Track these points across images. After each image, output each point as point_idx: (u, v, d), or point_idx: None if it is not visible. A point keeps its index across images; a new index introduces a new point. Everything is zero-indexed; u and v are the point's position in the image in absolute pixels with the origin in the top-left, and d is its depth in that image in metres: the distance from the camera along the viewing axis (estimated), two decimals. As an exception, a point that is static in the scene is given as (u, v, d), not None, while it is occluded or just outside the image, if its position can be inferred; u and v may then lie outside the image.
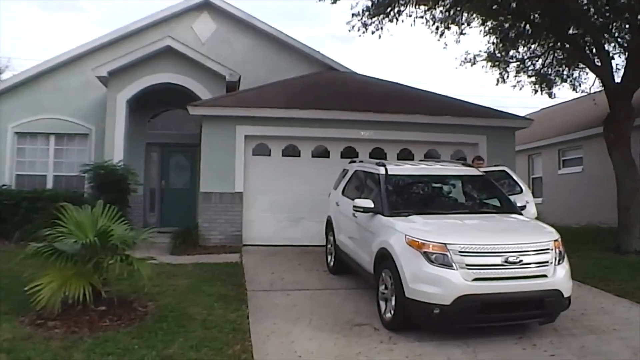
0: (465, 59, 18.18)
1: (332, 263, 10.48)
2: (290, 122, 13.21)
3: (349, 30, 18.42)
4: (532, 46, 17.42)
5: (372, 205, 8.22)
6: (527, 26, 15.73)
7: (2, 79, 15.80)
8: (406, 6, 14.96)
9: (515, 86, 18.89)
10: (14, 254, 11.79)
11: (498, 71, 18.40)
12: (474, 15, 16.14)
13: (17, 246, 12.84)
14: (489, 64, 18.18)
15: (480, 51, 18.39)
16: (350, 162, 11.33)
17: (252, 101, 13.43)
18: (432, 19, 16.50)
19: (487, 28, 17.10)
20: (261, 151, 13.50)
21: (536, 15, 15.00)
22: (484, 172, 9.64)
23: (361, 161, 10.89)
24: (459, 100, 15.27)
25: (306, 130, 13.34)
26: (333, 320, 7.54)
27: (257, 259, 11.54)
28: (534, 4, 14.03)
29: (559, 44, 16.18)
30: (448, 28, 17.06)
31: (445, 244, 6.64)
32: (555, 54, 17.39)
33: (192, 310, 7.76)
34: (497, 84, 18.72)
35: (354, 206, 8.50)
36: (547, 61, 17.82)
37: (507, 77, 18.44)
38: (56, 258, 7.47)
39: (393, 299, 6.97)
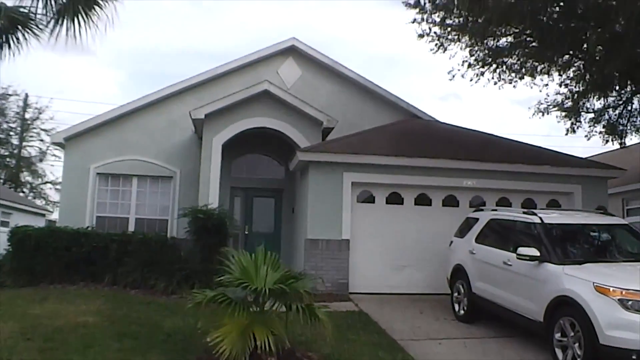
0: (539, 108, 18.39)
1: (461, 311, 10.41)
2: (395, 169, 13.14)
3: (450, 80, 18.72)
4: (609, 98, 17.60)
5: (538, 254, 8.20)
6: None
7: (86, 119, 15.47)
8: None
9: (586, 136, 18.97)
10: (121, 298, 11.65)
11: (570, 121, 18.52)
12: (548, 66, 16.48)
13: (112, 290, 12.62)
14: (563, 114, 18.32)
15: (541, 101, 18.71)
16: (476, 211, 11.37)
17: (355, 148, 13.34)
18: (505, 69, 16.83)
19: (563, 78, 17.35)
20: (365, 198, 13.35)
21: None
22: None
23: (494, 210, 10.81)
24: (551, 150, 15.30)
25: (410, 178, 13.26)
26: None
27: (374, 308, 11.26)
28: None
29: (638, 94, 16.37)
30: (522, 79, 17.34)
31: (638, 290, 6.78)
32: (632, 104, 17.56)
33: None
34: (566, 134, 18.76)
35: (518, 254, 8.46)
36: (623, 111, 17.96)
37: (578, 127, 18.55)
38: (230, 306, 7.15)
39: (577, 346, 7.04)
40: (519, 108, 79.44)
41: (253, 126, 14.34)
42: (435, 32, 15.82)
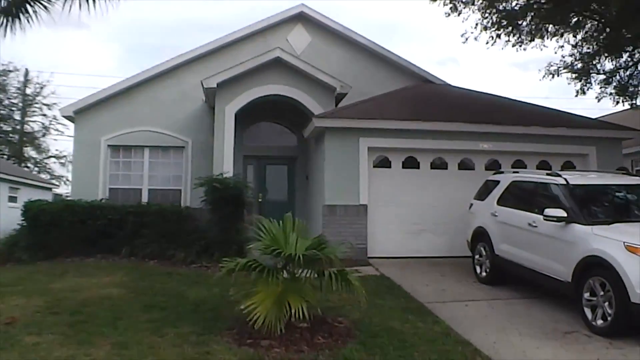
0: (549, 70, 18.24)
1: (483, 273, 10.43)
2: (411, 133, 13.05)
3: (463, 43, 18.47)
4: (621, 59, 17.43)
5: (566, 215, 8.17)
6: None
7: (96, 92, 15.32)
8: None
9: (597, 97, 18.82)
10: (141, 270, 11.64)
11: (580, 83, 18.39)
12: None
13: (131, 262, 12.59)
14: (573, 75, 18.17)
15: (551, 63, 18.54)
16: (496, 174, 11.33)
17: (371, 113, 13.25)
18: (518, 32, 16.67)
19: (575, 40, 17.19)
20: (381, 163, 13.27)
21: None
22: None
23: (515, 172, 10.78)
24: (564, 112, 15.22)
25: (425, 142, 13.18)
26: (539, 330, 7.48)
27: (395, 272, 11.24)
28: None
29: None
30: (532, 41, 17.18)
31: (668, 248, 6.82)
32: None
33: (393, 324, 7.52)
34: (576, 95, 18.64)
35: (545, 216, 8.43)
36: (634, 72, 17.80)
37: (589, 89, 18.41)
38: (262, 273, 7.10)
39: (607, 305, 7.08)
40: (517, 70, 79.03)
41: (265, 94, 14.21)
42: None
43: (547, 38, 17.49)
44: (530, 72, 75.16)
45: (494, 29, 16.19)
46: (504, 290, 9.73)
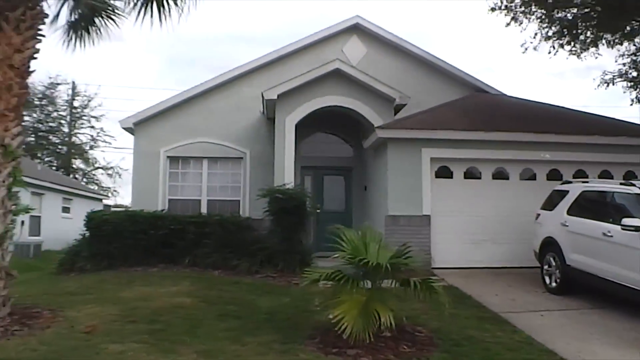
0: (603, 79, 18.17)
1: (553, 284, 10.35)
2: (472, 144, 13.04)
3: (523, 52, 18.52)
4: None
5: None
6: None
7: (155, 104, 15.60)
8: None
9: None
10: (207, 279, 11.73)
11: (635, 91, 18.23)
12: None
13: (194, 271, 12.69)
14: (629, 84, 18.04)
15: (606, 72, 18.43)
16: (564, 183, 11.26)
17: (432, 124, 13.27)
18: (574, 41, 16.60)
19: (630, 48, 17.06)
20: (443, 173, 13.25)
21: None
22: None
23: (584, 182, 10.68)
24: (623, 120, 15.10)
25: (486, 153, 13.14)
26: (619, 339, 7.48)
27: (462, 282, 11.20)
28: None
29: None
30: (587, 50, 17.08)
31: None
32: None
33: (472, 333, 7.57)
34: (631, 104, 18.42)
35: (624, 225, 8.41)
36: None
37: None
38: (347, 283, 7.17)
39: None
40: (554, 79, 77.92)
41: (325, 105, 14.27)
42: (506, 5, 15.54)
43: (603, 46, 17.36)
44: (567, 80, 73.89)
45: (554, 38, 16.10)
46: (575, 301, 9.66)
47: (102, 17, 10.60)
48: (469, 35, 79.21)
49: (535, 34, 16.21)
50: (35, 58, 8.57)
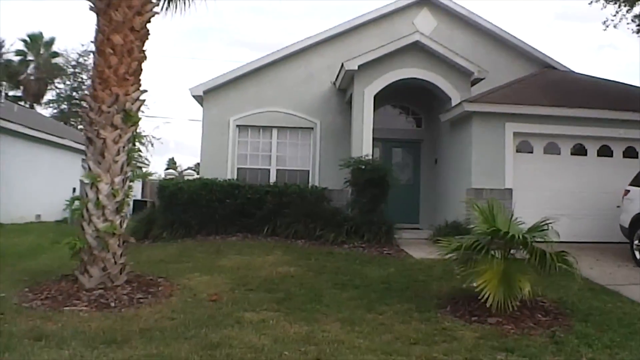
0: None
1: None
2: (553, 119, 13.22)
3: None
4: None
5: None
6: None
7: (224, 72, 15.61)
8: None
9: None
10: (297, 249, 11.85)
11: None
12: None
13: (275, 241, 12.75)
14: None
15: None
16: None
17: (512, 98, 13.39)
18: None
19: None
20: (524, 148, 13.41)
21: None
22: None
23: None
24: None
25: (566, 129, 13.33)
26: None
27: (549, 255, 11.31)
28: None
29: None
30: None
31: None
32: None
33: (595, 304, 7.72)
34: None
35: None
36: None
37: None
38: (488, 253, 7.32)
39: None
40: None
41: (404, 77, 14.32)
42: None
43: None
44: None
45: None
46: (674, 275, 9.70)
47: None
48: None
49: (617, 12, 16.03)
50: (149, 22, 8.48)
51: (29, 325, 6.00)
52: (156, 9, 8.68)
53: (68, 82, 38.05)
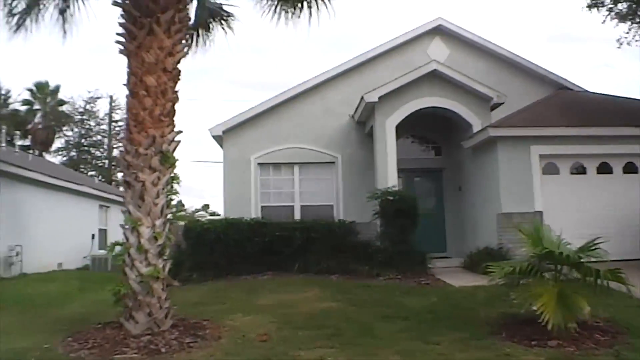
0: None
1: None
2: (577, 140, 13.29)
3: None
4: None
5: None
6: None
7: (243, 111, 15.74)
8: None
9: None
10: (332, 285, 11.74)
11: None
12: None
13: (308, 277, 12.62)
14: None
15: None
16: None
17: (537, 121, 13.47)
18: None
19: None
20: (550, 170, 13.47)
21: None
22: None
23: None
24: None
25: (590, 148, 13.40)
26: None
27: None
28: None
29: None
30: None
31: None
32: None
33: None
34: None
35: None
36: None
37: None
38: (541, 276, 7.31)
39: None
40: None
41: (423, 106, 14.41)
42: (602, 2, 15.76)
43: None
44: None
45: None
46: None
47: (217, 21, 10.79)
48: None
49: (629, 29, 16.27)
50: (179, 62, 8.41)
51: (82, 376, 5.74)
52: (186, 49, 8.70)
53: (76, 129, 38.32)
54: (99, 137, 39.61)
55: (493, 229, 13.15)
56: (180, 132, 8.40)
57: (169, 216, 8.48)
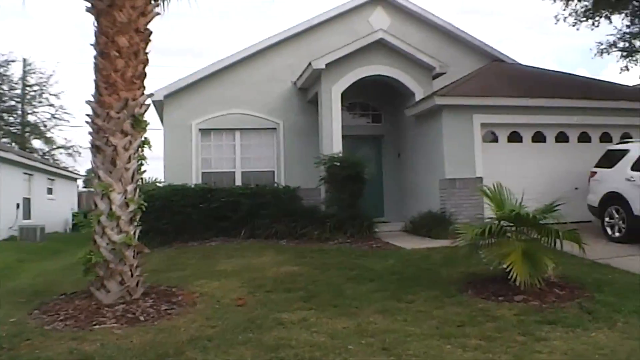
0: (599, 49, 19.54)
1: (617, 234, 11.53)
2: (515, 110, 13.89)
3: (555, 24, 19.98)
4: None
5: None
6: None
7: (185, 76, 15.45)
8: None
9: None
10: (285, 249, 11.89)
11: (626, 60, 19.66)
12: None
13: (258, 242, 12.76)
14: (621, 53, 19.45)
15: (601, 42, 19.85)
16: (620, 143, 12.62)
17: (480, 91, 13.97)
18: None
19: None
20: (489, 138, 14.07)
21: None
22: None
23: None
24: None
25: (527, 118, 14.01)
26: None
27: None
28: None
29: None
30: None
31: None
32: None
33: (597, 276, 8.28)
34: (620, 72, 19.96)
35: None
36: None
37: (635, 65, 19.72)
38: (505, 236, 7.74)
39: None
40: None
41: (369, 74, 14.61)
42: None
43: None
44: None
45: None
46: (640, 246, 10.51)
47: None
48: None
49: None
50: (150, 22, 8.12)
51: (64, 348, 5.61)
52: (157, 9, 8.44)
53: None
54: (13, 103, 37.68)
55: (436, 194, 13.61)
56: (151, 95, 8.23)
57: (139, 181, 8.31)
